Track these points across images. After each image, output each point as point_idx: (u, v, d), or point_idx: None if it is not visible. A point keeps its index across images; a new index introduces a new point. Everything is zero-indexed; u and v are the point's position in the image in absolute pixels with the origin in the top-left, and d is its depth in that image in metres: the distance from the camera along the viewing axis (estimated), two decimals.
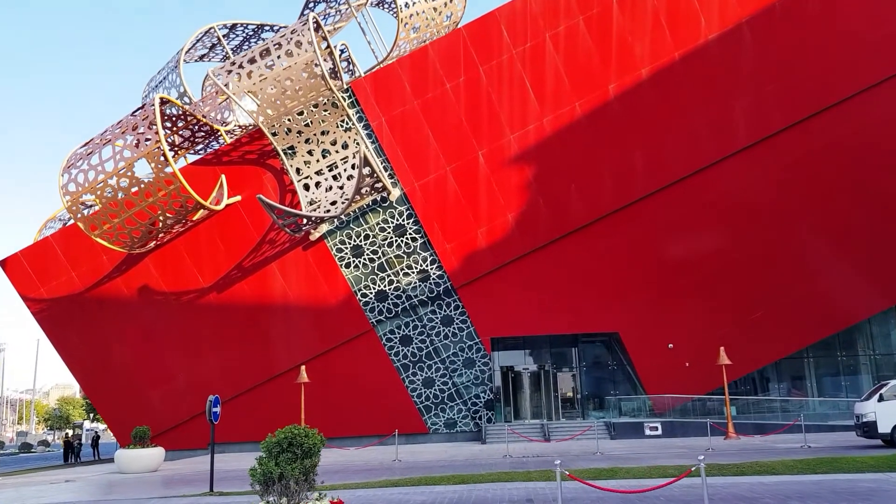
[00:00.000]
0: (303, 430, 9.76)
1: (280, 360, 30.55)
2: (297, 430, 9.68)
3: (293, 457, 9.40)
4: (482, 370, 30.42)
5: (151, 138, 24.71)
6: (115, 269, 30.79)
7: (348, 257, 29.82)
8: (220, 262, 30.16)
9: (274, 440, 9.59)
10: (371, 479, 16.80)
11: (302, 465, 9.39)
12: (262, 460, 9.53)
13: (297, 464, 9.35)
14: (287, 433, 9.60)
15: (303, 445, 9.53)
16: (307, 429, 9.87)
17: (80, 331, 31.48)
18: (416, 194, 29.00)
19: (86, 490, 19.31)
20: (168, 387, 31.02)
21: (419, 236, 29.43)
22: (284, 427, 9.73)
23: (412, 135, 28.54)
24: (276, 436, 9.64)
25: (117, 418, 32.29)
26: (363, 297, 29.97)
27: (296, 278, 30.13)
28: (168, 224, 27.17)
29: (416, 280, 29.81)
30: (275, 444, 9.54)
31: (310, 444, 9.62)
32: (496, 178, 28.55)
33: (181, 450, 30.96)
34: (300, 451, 9.49)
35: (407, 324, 30.22)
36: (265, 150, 29.29)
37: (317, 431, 9.94)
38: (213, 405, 15.93)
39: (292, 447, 9.47)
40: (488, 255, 29.10)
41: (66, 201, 26.17)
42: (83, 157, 26.49)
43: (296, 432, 9.63)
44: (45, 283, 31.23)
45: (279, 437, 9.59)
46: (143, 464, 24.22)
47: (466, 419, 30.64)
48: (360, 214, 29.49)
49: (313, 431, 9.91)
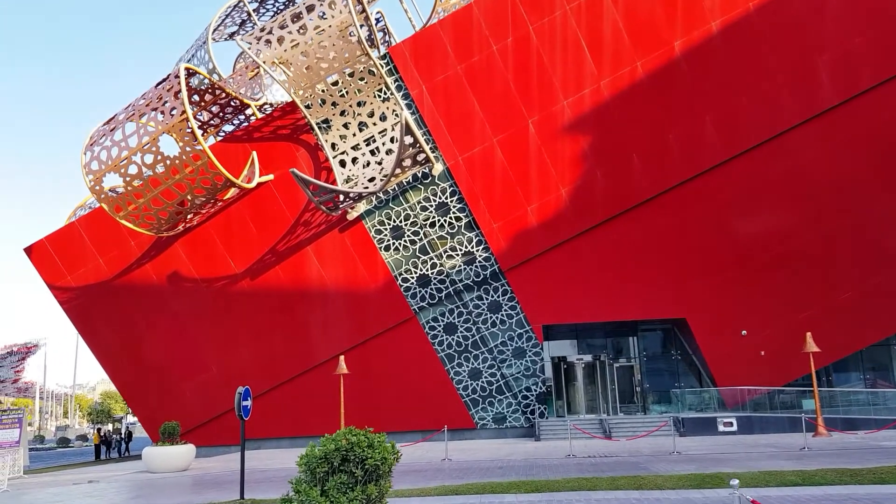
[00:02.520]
0: (363, 435, 6.89)
1: (317, 350, 28.61)
2: (356, 437, 6.81)
3: (349, 480, 6.49)
4: (533, 361, 28.04)
5: (177, 108, 22.85)
6: (143, 255, 29.18)
7: (388, 239, 27.67)
8: (253, 245, 28.31)
9: (320, 453, 6.71)
10: (425, 485, 14.61)
11: (364, 496, 6.37)
12: (301, 486, 6.65)
13: (356, 492, 6.33)
14: (339, 442, 6.72)
15: (364, 462, 6.57)
16: (369, 434, 6.92)
17: (108, 320, 29.99)
18: (461, 169, 26.67)
19: (105, 493, 17.52)
20: (200, 379, 29.34)
21: (464, 215, 27.12)
22: (336, 432, 6.90)
23: (455, 103, 26.19)
24: (324, 446, 6.76)
25: (148, 412, 30.76)
26: (404, 283, 27.81)
27: (332, 262, 28.12)
28: (197, 204, 25.35)
29: (460, 263, 27.53)
30: (321, 461, 6.66)
31: (375, 461, 6.63)
32: (548, 150, 26.04)
33: (214, 446, 29.28)
34: (361, 472, 6.55)
35: (451, 311, 27.98)
36: (298, 124, 27.27)
37: (385, 439, 7.03)
38: (243, 398, 13.90)
39: (348, 464, 6.57)
40: (539, 234, 26.65)
41: (89, 180, 24.52)
42: (106, 134, 24.82)
43: (353, 440, 6.75)
44: (72, 270, 29.78)
45: (327, 447, 6.68)
46: (172, 462, 22.46)
47: (517, 414, 28.32)
48: (399, 192, 27.31)
49: (380, 438, 6.98)
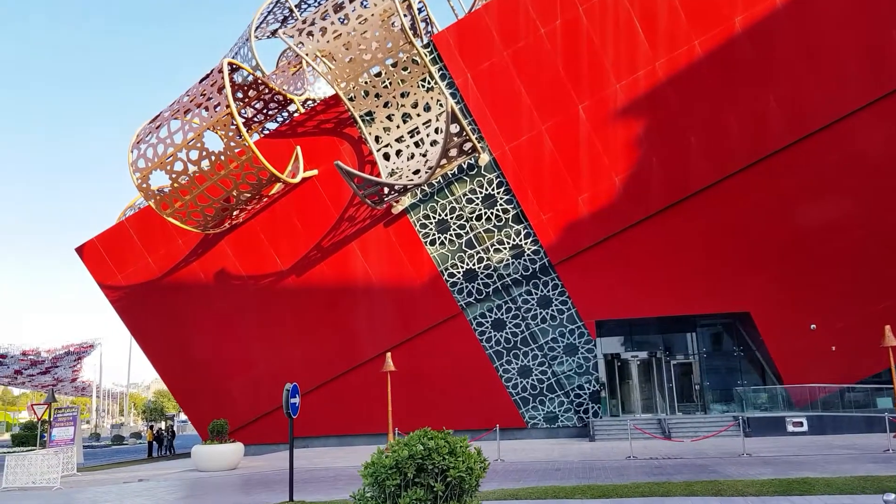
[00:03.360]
0: (442, 438, 5.88)
1: (363, 347, 28.13)
2: (433, 442, 5.83)
3: (427, 496, 5.42)
4: (586, 358, 27.00)
5: (221, 103, 22.59)
6: (191, 253, 29.17)
7: (433, 233, 27.00)
8: (298, 242, 27.99)
9: (389, 461, 5.71)
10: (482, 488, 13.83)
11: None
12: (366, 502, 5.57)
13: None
14: (413, 447, 5.74)
15: (446, 474, 5.48)
16: (449, 437, 5.90)
17: (157, 318, 30.10)
18: (507, 159, 25.81)
19: (155, 492, 17.28)
20: (247, 377, 29.20)
21: (511, 207, 26.25)
22: (410, 434, 5.99)
23: (502, 91, 25.33)
24: (395, 452, 5.79)
25: (198, 410, 30.79)
26: (450, 278, 27.10)
27: (377, 258, 27.59)
28: (242, 200, 25.12)
29: (508, 257, 26.67)
30: (391, 471, 5.64)
31: (459, 472, 5.57)
32: (600, 136, 24.98)
33: (263, 444, 29.09)
34: (441, 486, 5.44)
35: (499, 306, 27.15)
36: (342, 117, 26.81)
37: (468, 442, 6.01)
38: (291, 395, 13.36)
39: (425, 475, 5.55)
40: (591, 225, 25.60)
41: (136, 178, 24.50)
42: (152, 132, 24.76)
43: (431, 445, 5.78)
44: (122, 269, 29.98)
45: (399, 454, 5.69)
46: (221, 461, 22.23)
47: (569, 413, 27.33)
48: (445, 185, 26.60)
49: (463, 443, 5.99)
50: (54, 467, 20.22)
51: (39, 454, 20.91)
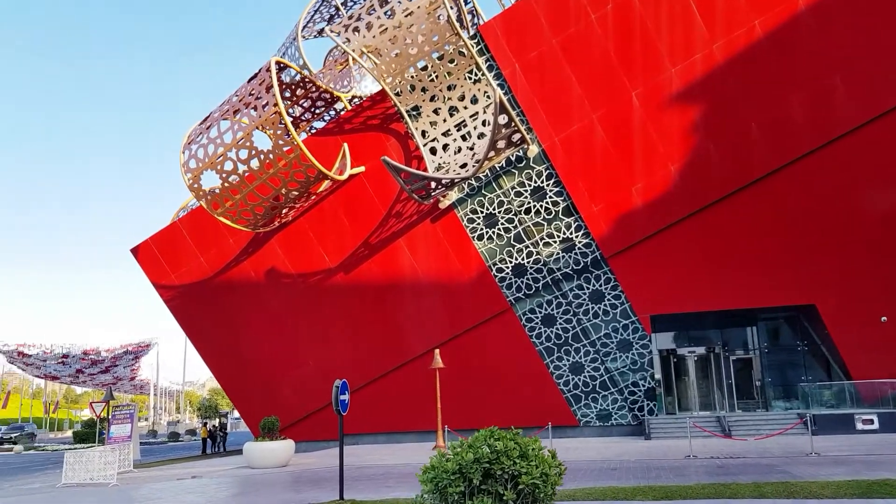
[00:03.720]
0: (511, 439, 5.31)
1: (411, 343, 27.90)
2: (502, 443, 5.26)
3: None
4: (640, 354, 26.16)
5: (269, 102, 22.63)
6: (242, 252, 29.44)
7: (481, 228, 26.56)
8: (346, 239, 27.94)
9: (452, 466, 5.15)
10: None
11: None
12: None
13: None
14: (479, 450, 5.20)
15: (517, 480, 4.93)
16: (519, 438, 5.32)
17: (210, 316, 30.51)
18: (557, 150, 25.17)
19: (207, 489, 17.33)
20: (297, 374, 29.32)
21: (561, 199, 25.60)
22: (473, 435, 5.43)
23: (551, 80, 24.72)
24: (458, 455, 5.26)
25: (249, 407, 31.11)
26: (499, 273, 26.62)
27: (425, 254, 27.30)
28: (291, 198, 25.17)
29: (558, 250, 26.04)
30: (453, 477, 5.06)
31: (533, 478, 4.99)
32: (654, 124, 24.12)
33: (313, 441, 29.16)
34: (512, 494, 4.90)
35: (550, 301, 26.53)
36: (388, 113, 26.61)
37: (538, 444, 5.40)
38: (341, 392, 13.13)
39: (492, 481, 4.99)
40: (646, 216, 24.76)
41: (188, 179, 24.78)
42: (202, 132, 25.02)
43: (498, 446, 5.21)
44: (175, 269, 30.48)
45: (463, 457, 5.12)
46: (272, 458, 22.28)
47: (623, 410, 26.54)
48: (492, 178, 26.13)
49: (535, 445, 5.42)
50: (111, 464, 20.55)
51: (97, 451, 21.29)
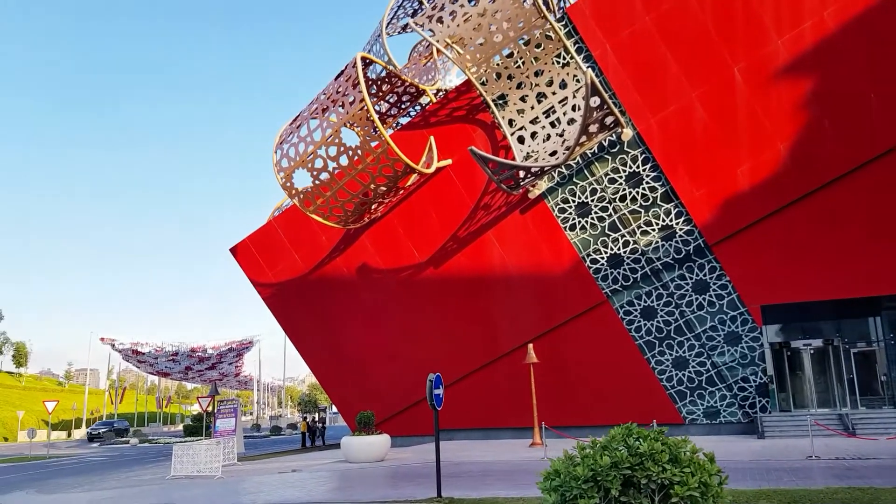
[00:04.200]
0: (655, 439, 4.58)
1: (504, 338, 27.34)
2: (647, 443, 4.52)
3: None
4: (750, 347, 24.48)
5: (356, 97, 22.66)
6: (334, 249, 29.82)
7: (573, 217, 25.62)
8: (435, 233, 27.71)
9: (583, 472, 4.33)
10: None
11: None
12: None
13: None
14: (616, 452, 4.48)
15: (668, 491, 4.14)
16: (666, 438, 4.58)
17: (305, 312, 31.09)
18: (653, 132, 23.90)
19: (306, 483, 17.46)
20: (392, 369, 29.39)
21: (659, 185, 24.30)
22: (608, 434, 4.76)
23: (644, 60, 23.48)
24: (591, 458, 4.51)
25: (345, 402, 31.50)
26: (593, 264, 25.60)
27: (515, 246, 26.66)
28: (380, 193, 25.16)
29: (657, 239, 24.74)
30: (586, 485, 4.24)
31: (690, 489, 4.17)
32: (760, 100, 22.44)
33: (408, 436, 29.14)
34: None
35: (649, 293, 25.27)
36: (474, 103, 26.14)
37: (691, 445, 4.63)
38: (435, 386, 12.77)
39: (635, 491, 4.21)
40: (753, 200, 23.10)
41: (280, 178, 25.24)
42: (293, 131, 25.41)
43: (641, 448, 4.46)
44: (272, 266, 31.25)
45: (596, 461, 4.32)
46: (369, 452, 22.32)
47: (732, 408, 24.93)
48: (584, 165, 25.14)
49: (690, 448, 4.71)
50: (216, 457, 21.15)
51: (203, 444, 21.99)
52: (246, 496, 15.24)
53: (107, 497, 17.37)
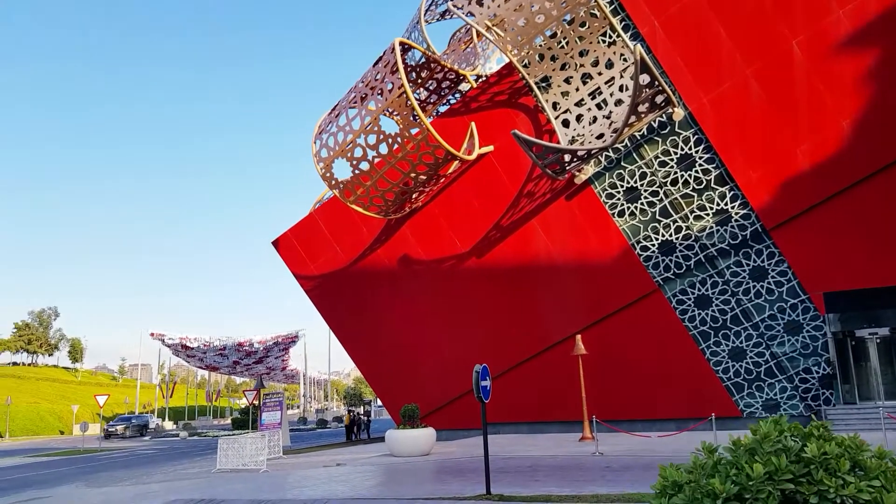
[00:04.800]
0: (823, 437, 3.64)
1: (550, 329, 26.54)
2: (815, 445, 3.50)
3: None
4: (812, 336, 23.17)
5: (395, 83, 22.13)
6: (375, 240, 29.43)
7: (621, 203, 24.64)
8: (477, 223, 27.04)
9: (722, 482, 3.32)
10: None
11: None
12: None
13: None
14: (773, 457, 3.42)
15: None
16: (826, 430, 3.64)
17: (348, 305, 30.82)
18: (706, 112, 22.75)
19: (351, 478, 17.06)
20: (435, 362, 28.90)
21: (713, 167, 23.15)
22: (759, 425, 3.74)
23: (696, 35, 22.34)
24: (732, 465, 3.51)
25: (389, 395, 31.15)
26: (643, 251, 24.59)
27: (560, 234, 25.81)
28: (420, 182, 24.63)
29: (712, 224, 23.60)
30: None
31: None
32: (821, 75, 21.12)
33: (453, 429, 28.63)
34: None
35: (703, 281, 24.15)
36: (516, 87, 25.35)
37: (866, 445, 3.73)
38: (482, 377, 12.16)
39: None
40: (815, 180, 21.80)
41: (320, 168, 24.93)
42: (332, 121, 25.04)
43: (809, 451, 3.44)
44: (314, 259, 31.06)
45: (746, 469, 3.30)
46: (414, 446, 21.86)
47: (793, 400, 23.67)
48: (633, 148, 24.13)
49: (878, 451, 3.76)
50: (261, 450, 20.99)
51: (248, 438, 21.87)
52: (289, 490, 14.90)
53: (153, 491, 17.30)
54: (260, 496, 14.19)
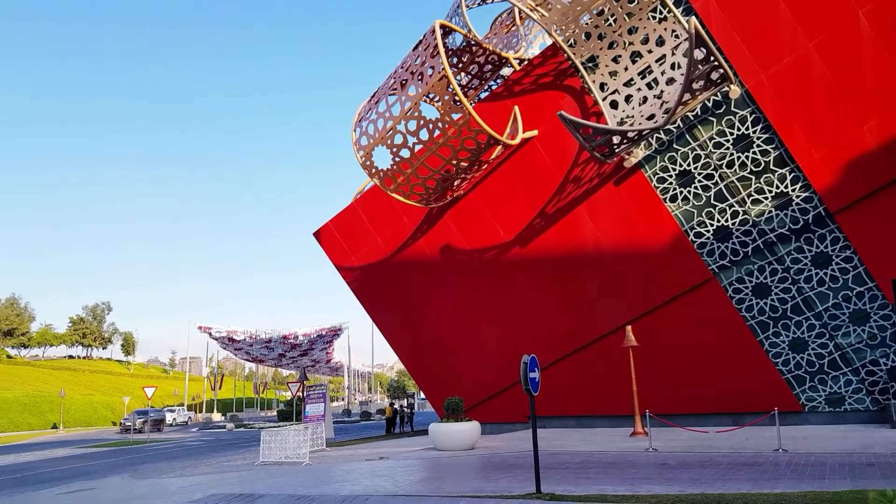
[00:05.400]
0: None
1: (598, 320, 25.61)
2: None
3: None
4: (881, 326, 21.71)
5: (435, 67, 21.47)
6: (416, 230, 28.90)
7: (674, 187, 23.51)
8: (521, 211, 26.24)
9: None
10: (778, 488, 10.80)
11: None
12: None
13: None
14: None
15: None
16: None
17: (390, 296, 30.41)
18: (765, 89, 21.45)
19: (394, 472, 16.56)
20: (478, 354, 28.26)
21: (772, 147, 21.85)
22: None
23: (753, 8, 21.05)
24: None
25: (432, 387, 30.66)
26: (697, 238, 23.43)
27: (608, 221, 24.81)
28: (462, 168, 23.94)
29: (771, 208, 22.31)
30: None
31: None
32: (889, 46, 19.62)
33: (497, 423, 27.99)
34: None
35: (762, 268, 22.88)
36: (560, 68, 24.41)
37: None
38: (530, 368, 11.44)
39: None
40: (884, 159, 20.33)
41: (360, 156, 24.47)
42: (371, 108, 24.54)
43: None
44: (355, 250, 30.72)
45: None
46: (458, 440, 21.26)
47: (860, 394, 22.26)
48: (685, 129, 22.97)
49: None
50: (304, 443, 20.70)
51: (291, 430, 21.61)
52: (330, 485, 14.47)
53: (195, 483, 17.11)
54: (299, 491, 13.78)
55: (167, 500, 13.59)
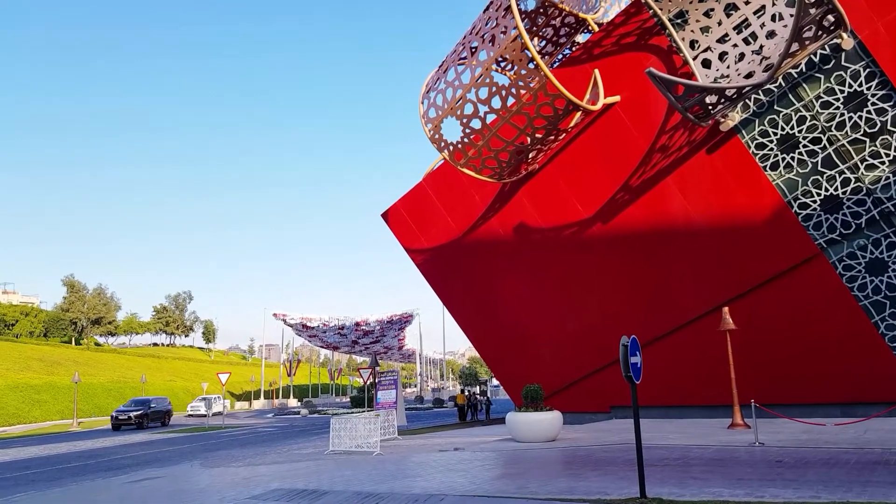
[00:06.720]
0: None
1: (688, 302, 23.49)
2: None
3: None
4: None
5: (507, 26, 19.84)
6: (488, 209, 27.40)
7: (775, 154, 21.09)
8: (602, 184, 24.31)
9: None
10: None
11: None
12: None
13: None
14: None
15: None
16: None
17: (461, 278, 29.10)
18: (881, 39, 18.78)
19: (470, 467, 15.22)
20: (557, 339, 26.59)
21: (889, 105, 19.16)
22: None
23: None
24: None
25: (507, 374, 29.22)
26: (802, 209, 20.96)
27: (700, 193, 22.59)
28: (538, 139, 22.25)
29: (888, 174, 19.64)
30: None
31: None
32: None
33: (577, 412, 26.28)
34: None
35: (877, 242, 20.24)
36: (645, 27, 22.29)
37: None
38: (631, 352, 9.81)
39: None
40: None
41: (428, 130, 23.14)
42: (440, 77, 23.14)
43: None
44: (424, 231, 29.52)
45: None
46: (538, 431, 19.73)
47: None
48: (788, 88, 20.51)
49: None
50: (374, 431, 19.69)
51: (361, 418, 20.65)
52: (401, 480, 13.26)
53: (260, 474, 16.30)
54: (367, 487, 12.62)
55: (224, 495, 12.70)
